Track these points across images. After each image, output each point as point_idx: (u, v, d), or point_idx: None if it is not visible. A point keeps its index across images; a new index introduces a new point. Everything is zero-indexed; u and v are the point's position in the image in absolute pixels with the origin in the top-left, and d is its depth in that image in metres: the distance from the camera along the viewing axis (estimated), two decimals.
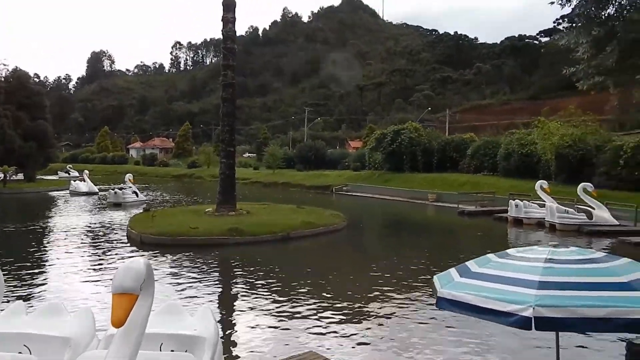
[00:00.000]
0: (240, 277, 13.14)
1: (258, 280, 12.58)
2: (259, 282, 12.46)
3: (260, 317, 9.66)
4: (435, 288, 4.72)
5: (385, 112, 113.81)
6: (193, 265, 14.33)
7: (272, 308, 10.25)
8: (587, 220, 22.02)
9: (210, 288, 11.94)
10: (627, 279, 3.94)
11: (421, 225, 26.63)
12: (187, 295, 11.03)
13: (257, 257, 15.82)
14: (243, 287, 12.07)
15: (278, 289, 11.79)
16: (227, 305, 10.84)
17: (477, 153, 39.92)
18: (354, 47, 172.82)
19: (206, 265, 14.46)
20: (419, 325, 9.19)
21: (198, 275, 13.00)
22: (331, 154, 65.05)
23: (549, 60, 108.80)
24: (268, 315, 9.81)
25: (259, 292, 11.52)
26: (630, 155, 26.78)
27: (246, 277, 13.01)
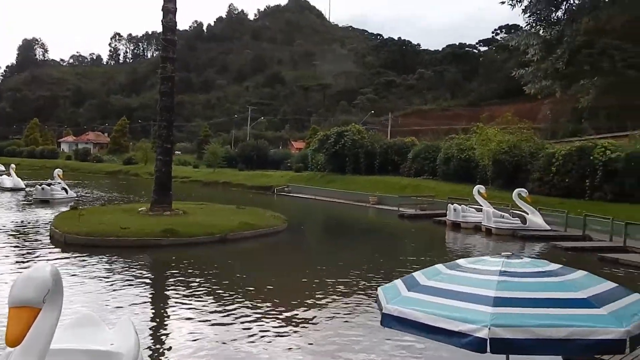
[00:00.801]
0: (174, 282, 12.32)
1: (193, 285, 11.81)
2: (194, 286, 11.69)
3: (195, 325, 8.98)
4: (380, 303, 4.27)
5: (329, 114, 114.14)
6: (121, 268, 13.34)
7: (208, 315, 9.60)
8: (521, 224, 22.59)
9: (139, 294, 11.06)
10: (586, 295, 3.66)
11: (362, 227, 26.52)
12: (111, 304, 10.13)
13: (192, 259, 14.98)
14: (176, 293, 11.28)
15: (214, 294, 11.10)
16: (158, 313, 10.05)
17: (418, 157, 40.45)
18: (300, 48, 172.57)
19: (136, 269, 13.49)
20: (360, 331, 8.80)
21: (126, 280, 12.05)
22: (274, 154, 64.41)
23: (487, 68, 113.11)
24: (203, 322, 9.14)
25: (194, 297, 10.78)
26: (561, 162, 27.80)
27: (180, 281, 12.20)
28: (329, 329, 9.03)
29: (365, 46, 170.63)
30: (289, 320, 9.45)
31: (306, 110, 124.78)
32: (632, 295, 3.90)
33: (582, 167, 26.72)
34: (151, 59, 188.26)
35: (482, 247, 20.21)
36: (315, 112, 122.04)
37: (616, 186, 25.25)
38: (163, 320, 9.58)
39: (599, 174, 25.82)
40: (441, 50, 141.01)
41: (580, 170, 26.79)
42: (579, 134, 44.76)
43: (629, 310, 3.59)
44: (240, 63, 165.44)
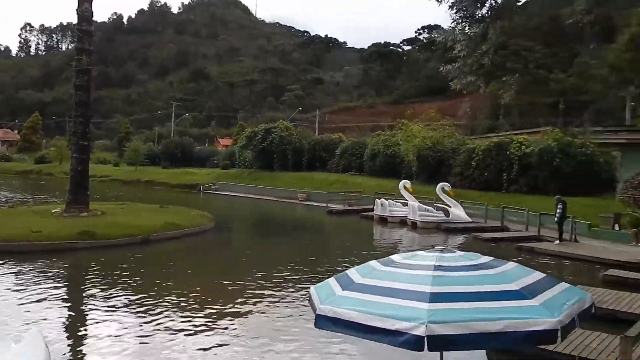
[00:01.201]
0: (91, 288, 11.50)
1: (113, 290, 11.09)
2: (114, 292, 10.98)
3: (116, 335, 8.37)
4: (313, 303, 4.07)
5: (256, 110, 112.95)
6: (32, 276, 12.29)
7: (131, 321, 9.03)
8: (445, 217, 23.35)
9: (52, 303, 10.22)
10: (518, 286, 3.65)
11: (291, 224, 26.37)
12: (19, 315, 9.28)
13: (112, 263, 14.12)
14: (94, 299, 10.53)
15: (137, 300, 10.46)
16: (73, 323, 9.31)
17: (345, 153, 40.89)
18: (225, 43, 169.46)
19: (49, 276, 12.49)
20: (293, 332, 8.60)
21: (38, 288, 11.11)
22: (199, 151, 62.92)
23: (410, 67, 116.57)
24: (126, 329, 8.56)
25: (114, 304, 10.10)
26: (481, 157, 29.07)
27: (98, 287, 11.42)
28: (260, 331, 8.76)
29: (292, 42, 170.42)
30: (218, 323, 9.08)
31: (232, 107, 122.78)
32: (560, 284, 3.96)
33: (499, 161, 28.08)
34: (66, 51, 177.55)
35: (409, 241, 20.69)
36: (242, 108, 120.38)
37: (530, 179, 26.76)
38: (78, 330, 8.88)
39: (515, 168, 27.26)
40: (367, 49, 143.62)
41: (498, 164, 28.15)
42: (496, 130, 47.17)
43: (558, 299, 3.63)
44: (163, 57, 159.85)
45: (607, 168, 25.62)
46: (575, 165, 25.18)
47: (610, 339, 7.42)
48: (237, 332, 8.67)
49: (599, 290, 10.77)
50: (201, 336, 8.38)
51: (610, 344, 7.32)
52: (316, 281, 11.43)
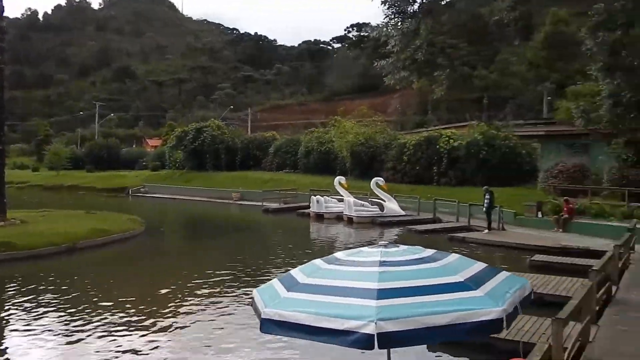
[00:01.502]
0: (12, 303, 10.65)
1: (36, 305, 10.34)
2: (38, 306, 10.24)
3: (45, 351, 7.79)
4: (256, 307, 3.91)
5: (186, 110, 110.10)
6: None
7: (57, 338, 8.42)
8: (380, 212, 23.73)
9: None
10: (463, 278, 3.67)
11: (227, 225, 25.87)
12: None
13: (34, 275, 13.20)
14: (15, 316, 9.76)
15: (63, 313, 9.82)
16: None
17: (279, 151, 40.73)
18: (151, 40, 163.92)
19: None
20: (235, 338, 8.36)
21: None
22: (127, 153, 60.69)
23: (340, 64, 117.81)
24: (54, 346, 7.99)
25: (41, 318, 9.43)
26: (412, 152, 29.86)
27: (19, 302, 10.61)
28: (200, 337, 8.45)
29: (221, 40, 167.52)
30: (154, 333, 8.68)
31: (161, 106, 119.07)
32: (500, 273, 4.03)
33: (429, 155, 28.96)
34: None
35: (346, 236, 20.86)
36: (170, 108, 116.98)
37: (459, 172, 27.79)
38: (4, 348, 8.20)
39: (444, 161, 28.21)
40: (297, 46, 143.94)
41: (428, 158, 29.02)
42: (425, 125, 48.60)
43: (501, 289, 3.69)
44: (84, 56, 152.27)
45: (528, 159, 27.04)
46: (500, 157, 26.39)
47: (541, 322, 7.78)
48: (175, 343, 8.31)
49: (526, 275, 11.27)
50: (138, 346, 7.97)
51: (541, 326, 7.67)
52: (258, 283, 11.26)
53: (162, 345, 8.09)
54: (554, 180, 21.85)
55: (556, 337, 5.58)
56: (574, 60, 54.92)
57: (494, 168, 26.23)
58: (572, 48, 55.04)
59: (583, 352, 6.41)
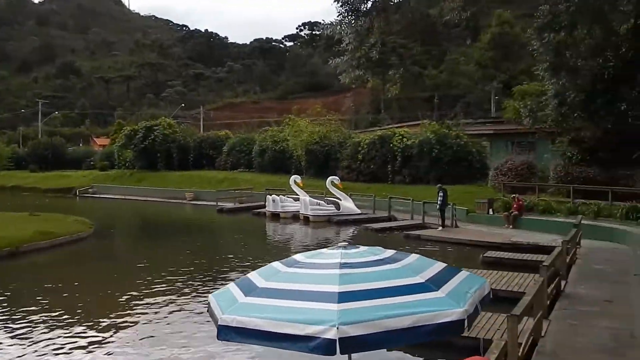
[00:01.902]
0: None
1: None
2: None
3: None
4: (213, 313, 3.74)
5: (135, 108, 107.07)
6: None
7: (4, 347, 7.93)
8: (336, 210, 23.77)
9: None
10: (423, 279, 3.63)
11: (181, 226, 25.25)
12: None
13: None
14: None
15: (8, 321, 9.27)
16: None
17: (233, 150, 40.22)
18: (97, 36, 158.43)
19: None
20: (192, 344, 8.10)
21: None
22: (73, 152, 58.53)
23: (293, 63, 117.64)
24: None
25: None
26: (366, 150, 30.11)
27: None
28: (153, 343, 8.15)
29: (171, 37, 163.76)
30: (105, 340, 8.31)
31: (108, 104, 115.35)
32: (460, 273, 4.02)
33: (384, 154, 29.27)
34: None
35: (303, 235, 20.78)
36: (119, 105, 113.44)
37: (413, 170, 28.22)
38: None
39: (398, 159, 28.58)
40: (249, 44, 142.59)
41: (382, 156, 29.33)
42: (378, 124, 49.13)
43: (461, 289, 3.67)
44: (25, 51, 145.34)
45: (479, 157, 27.75)
46: (452, 155, 26.97)
47: (496, 317, 7.93)
48: (127, 349, 7.98)
49: (480, 271, 11.52)
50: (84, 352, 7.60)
51: (495, 321, 7.83)
52: (214, 286, 11.01)
53: (111, 351, 7.75)
54: (504, 178, 22.50)
55: (511, 333, 5.67)
56: (519, 61, 57.04)
57: (446, 166, 26.79)
58: (517, 49, 57.26)
59: (536, 347, 6.56)
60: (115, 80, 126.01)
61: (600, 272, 11.03)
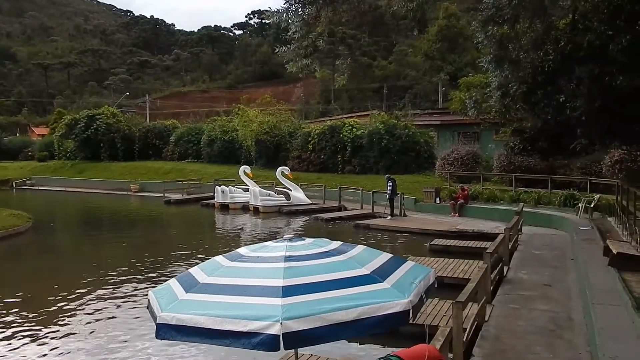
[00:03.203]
0: None
1: None
2: None
3: None
4: (152, 310, 3.58)
5: (77, 96, 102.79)
6: None
7: None
8: (286, 201, 23.66)
9: None
10: (369, 270, 3.60)
11: (125, 218, 24.47)
12: None
13: None
14: None
15: None
16: None
17: (180, 140, 39.31)
18: (34, 20, 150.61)
19: None
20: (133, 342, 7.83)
21: None
22: (9, 142, 55.62)
23: (242, 51, 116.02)
24: None
25: None
26: (316, 141, 30.10)
27: None
28: (92, 343, 7.82)
29: (114, 23, 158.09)
30: (44, 339, 7.91)
31: (47, 92, 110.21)
32: (405, 263, 4.02)
33: (334, 144, 29.35)
34: None
35: (253, 226, 20.56)
36: (59, 93, 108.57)
37: (362, 160, 28.44)
38: None
39: (348, 149, 28.73)
40: (197, 32, 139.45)
41: (332, 147, 29.41)
42: (329, 114, 49.18)
43: (407, 279, 3.67)
44: None
45: (426, 147, 28.26)
46: (400, 145, 27.34)
47: (442, 304, 8.09)
48: (62, 347, 7.63)
49: (427, 259, 11.76)
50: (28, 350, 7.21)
51: (441, 308, 7.98)
52: (158, 280, 10.70)
53: (48, 351, 7.39)
54: (450, 167, 23.03)
55: (456, 320, 5.78)
56: (465, 53, 58.55)
57: (395, 156, 27.15)
58: (463, 41, 58.74)
59: (480, 332, 6.72)
60: (54, 67, 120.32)
61: (540, 257, 11.47)
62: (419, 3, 11.17)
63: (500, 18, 14.20)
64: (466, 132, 29.98)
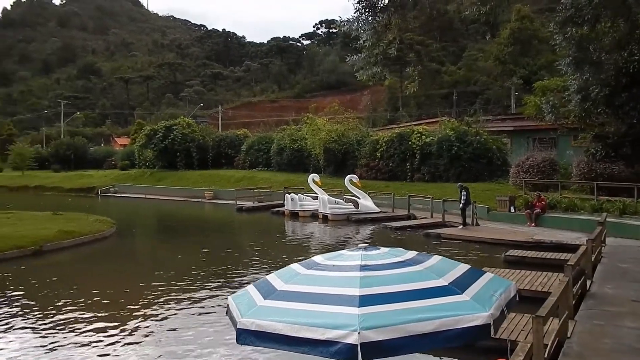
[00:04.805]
0: None
1: (4, 309, 9.86)
2: (5, 311, 9.77)
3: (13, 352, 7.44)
4: (232, 315, 3.69)
5: (154, 108, 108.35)
6: None
7: (27, 342, 8.05)
8: (354, 209, 23.65)
9: None
10: (447, 281, 3.53)
11: (201, 225, 25.40)
12: None
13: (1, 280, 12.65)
14: None
15: (33, 317, 9.41)
16: None
17: (251, 149, 40.34)
18: (116, 37, 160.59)
19: None
20: (206, 339, 8.11)
21: None
22: (95, 152, 59.37)
23: (310, 61, 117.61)
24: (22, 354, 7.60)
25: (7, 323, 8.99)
26: (385, 148, 29.91)
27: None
28: (174, 343, 8.17)
29: (189, 37, 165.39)
30: (128, 339, 8.36)
31: (128, 104, 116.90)
32: (484, 275, 3.91)
33: (402, 151, 29.04)
34: None
35: (322, 234, 20.72)
36: (138, 105, 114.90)
37: (432, 167, 27.93)
38: None
39: (417, 157, 28.33)
40: (266, 43, 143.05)
41: (401, 154, 29.10)
42: (397, 121, 48.79)
43: (487, 292, 3.56)
44: (46, 52, 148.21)
45: (499, 154, 27.33)
46: (471, 152, 26.61)
47: (519, 318, 7.77)
48: (144, 347, 8.01)
49: (502, 270, 11.34)
50: (107, 350, 7.66)
51: (519, 322, 7.66)
52: (234, 285, 11.02)
53: (132, 350, 7.79)
54: (525, 175, 22.13)
55: (537, 335, 5.54)
56: (539, 56, 56.24)
57: (466, 163, 26.48)
58: (537, 44, 56.45)
59: (562, 348, 6.40)
60: (134, 80, 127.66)
61: (627, 271, 10.76)
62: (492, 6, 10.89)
63: (580, 18, 13.57)
64: (542, 138, 28.73)
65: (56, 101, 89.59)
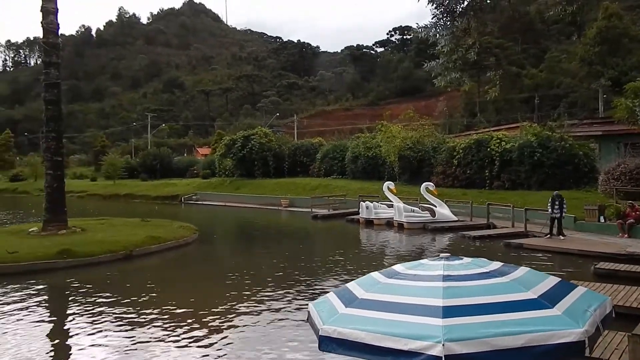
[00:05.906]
0: (75, 309, 10.98)
1: (98, 311, 10.60)
2: (100, 311, 10.50)
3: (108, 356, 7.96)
4: (313, 322, 3.75)
5: (233, 118, 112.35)
6: (11, 300, 11.71)
7: (120, 342, 8.59)
8: (431, 217, 23.21)
9: (34, 327, 9.70)
10: (536, 294, 3.39)
11: (277, 232, 25.96)
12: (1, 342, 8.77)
13: (94, 281, 13.58)
14: (79, 321, 10.04)
15: (125, 318, 10.04)
16: (60, 347, 8.82)
17: (326, 157, 40.70)
18: (197, 52, 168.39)
19: (29, 298, 11.91)
20: (286, 342, 8.26)
21: (18, 313, 10.57)
22: (178, 161, 62.22)
23: (384, 68, 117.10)
24: (115, 352, 8.13)
25: (101, 323, 9.66)
26: (462, 155, 29.12)
27: (82, 308, 10.91)
28: (253, 347, 8.40)
29: (265, 49, 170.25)
30: (213, 340, 8.70)
31: (209, 115, 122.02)
32: (577, 289, 3.72)
33: (480, 158, 28.14)
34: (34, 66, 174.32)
35: (397, 242, 20.50)
36: (218, 116, 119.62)
37: (512, 175, 26.85)
38: (66, 355, 8.43)
39: (496, 164, 27.34)
40: (340, 52, 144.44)
41: (479, 161, 28.20)
42: (474, 127, 47.39)
43: (580, 306, 3.38)
44: (135, 69, 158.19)
45: (586, 160, 25.79)
46: (555, 158, 25.32)
47: (612, 335, 7.28)
48: (231, 351, 8.29)
49: (592, 284, 10.67)
50: (195, 353, 8.00)
51: (612, 340, 7.18)
52: (312, 291, 11.18)
53: (217, 353, 8.08)
54: (616, 183, 20.73)
55: (634, 355, 5.19)
56: (629, 55, 52.55)
57: (549, 170, 25.22)
58: (627, 43, 52.77)
59: None
60: (214, 92, 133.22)
61: None
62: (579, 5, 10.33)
63: None
64: (635, 143, 26.80)
65: (144, 114, 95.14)
